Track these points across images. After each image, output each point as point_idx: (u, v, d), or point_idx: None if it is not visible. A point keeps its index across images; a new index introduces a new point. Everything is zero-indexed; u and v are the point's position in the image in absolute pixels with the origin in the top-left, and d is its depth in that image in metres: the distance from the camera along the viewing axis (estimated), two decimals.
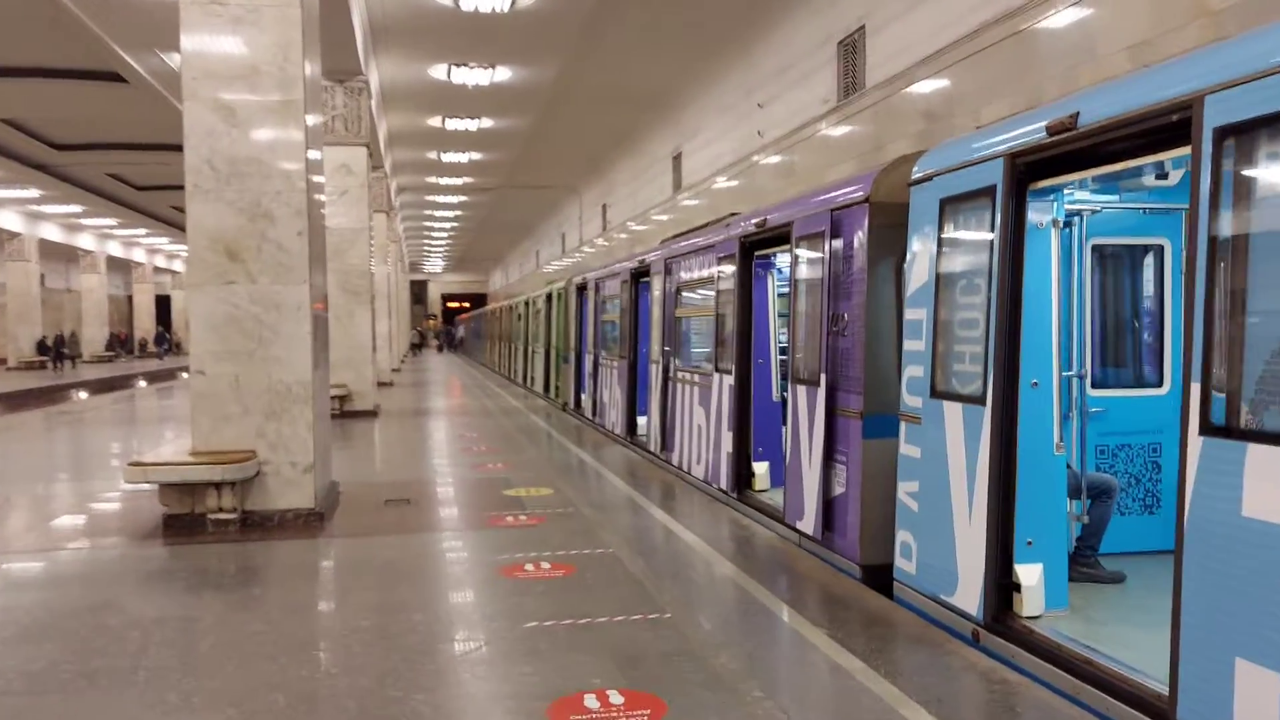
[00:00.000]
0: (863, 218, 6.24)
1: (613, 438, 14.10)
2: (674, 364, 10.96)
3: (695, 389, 10.03)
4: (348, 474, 10.40)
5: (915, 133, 13.02)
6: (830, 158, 15.74)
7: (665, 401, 11.11)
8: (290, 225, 8.11)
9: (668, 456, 11.07)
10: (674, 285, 10.95)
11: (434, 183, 36.32)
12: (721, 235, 9.19)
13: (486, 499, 9.22)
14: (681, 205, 24.51)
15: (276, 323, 8.11)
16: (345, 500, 9.18)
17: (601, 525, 7.94)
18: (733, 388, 8.65)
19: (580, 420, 16.99)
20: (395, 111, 24.50)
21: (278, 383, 8.13)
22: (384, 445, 14.03)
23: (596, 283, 15.75)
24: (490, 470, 11.07)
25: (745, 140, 19.82)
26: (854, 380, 6.29)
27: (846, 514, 6.38)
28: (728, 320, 8.97)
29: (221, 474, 7.68)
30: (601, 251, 34.18)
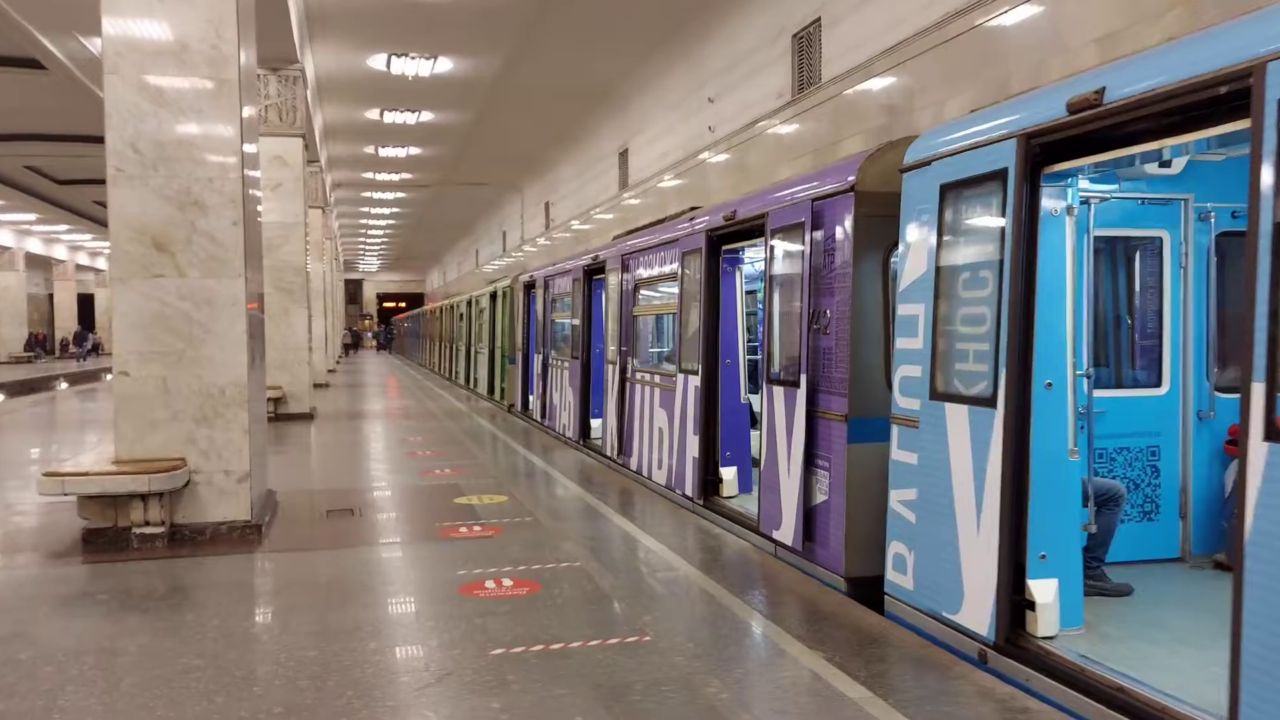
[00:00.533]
0: (847, 208, 5.85)
1: (565, 441, 13.61)
2: (632, 365, 10.51)
3: (656, 391, 9.59)
4: (285, 482, 9.77)
5: (874, 127, 12.74)
6: (784, 154, 15.41)
7: (623, 404, 10.66)
8: (223, 215, 7.50)
9: (625, 461, 10.61)
10: (632, 282, 10.50)
11: (371, 178, 35.41)
12: (686, 229, 8.76)
13: (437, 508, 8.68)
14: (628, 203, 24.08)
15: (209, 320, 7.50)
16: (283, 511, 8.57)
17: (563, 535, 7.46)
18: (699, 389, 8.22)
19: (529, 423, 16.46)
20: (332, 103, 23.70)
21: (210, 385, 7.52)
22: (323, 450, 13.37)
23: (546, 280, 15.23)
24: (439, 476, 10.51)
25: (695, 136, 19.45)
26: (837, 381, 5.90)
27: (829, 524, 5.98)
28: (692, 318, 8.55)
29: (148, 484, 7.05)
30: (545, 249, 33.61)
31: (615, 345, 10.99)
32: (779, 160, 15.48)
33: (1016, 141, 4.31)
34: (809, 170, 14.18)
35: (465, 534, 7.50)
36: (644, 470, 9.96)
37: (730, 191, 17.13)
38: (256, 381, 8.02)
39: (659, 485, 9.42)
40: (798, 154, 14.87)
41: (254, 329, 7.91)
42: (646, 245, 10.01)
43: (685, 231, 8.73)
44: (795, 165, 14.75)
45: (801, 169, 14.63)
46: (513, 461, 12.14)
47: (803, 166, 14.45)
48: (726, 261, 8.13)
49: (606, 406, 11.33)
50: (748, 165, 16.92)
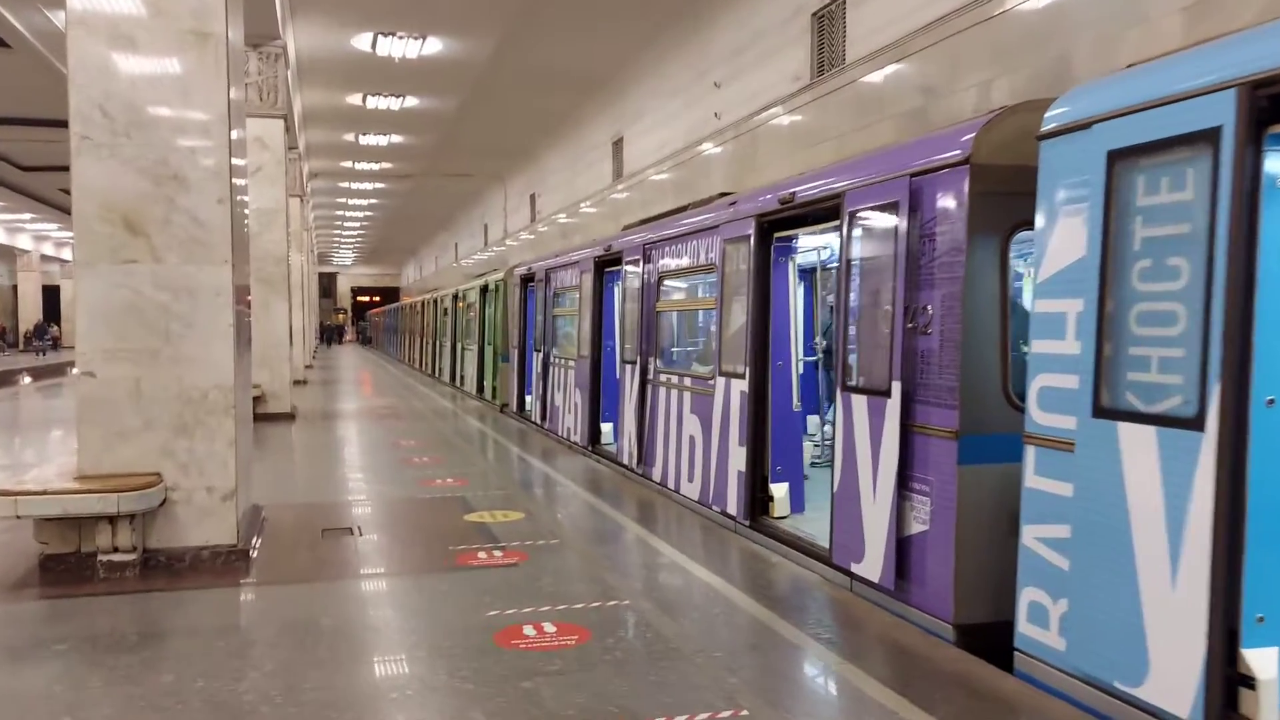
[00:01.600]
0: (958, 184, 4.93)
1: (570, 446, 12.63)
2: (654, 365, 9.56)
3: (686, 395, 8.64)
4: (271, 493, 8.75)
5: (907, 111, 11.84)
6: (801, 141, 14.49)
7: (643, 408, 9.70)
8: (207, 191, 6.48)
9: (646, 471, 9.66)
10: (656, 274, 9.54)
11: (350, 168, 34.19)
12: (727, 215, 7.81)
13: (446, 526, 7.69)
14: (621, 194, 23.10)
15: (190, 313, 6.47)
16: (272, 530, 7.55)
17: (598, 563, 6.50)
18: (746, 395, 7.28)
19: (525, 424, 15.46)
20: (312, 86, 22.55)
21: (191, 388, 6.49)
22: (309, 455, 12.31)
23: (548, 273, 14.24)
24: (441, 487, 9.51)
25: (698, 124, 18.49)
26: (942, 390, 4.98)
27: (930, 559, 5.06)
28: (735, 315, 7.60)
29: (116, 504, 6.02)
30: (530, 243, 32.60)
31: (634, 344, 10.03)
32: (795, 148, 14.56)
33: (1236, 93, 3.39)
34: (831, 159, 13.28)
35: (485, 561, 6.51)
36: (669, 482, 9.01)
37: (734, 182, 16.20)
38: (243, 384, 7.01)
39: (689, 500, 8.47)
40: (817, 141, 13.94)
41: (241, 325, 6.90)
42: (676, 234, 9.06)
43: (728, 217, 7.78)
44: (813, 154, 13.83)
45: (820, 158, 13.70)
46: (518, 469, 11.16)
47: (822, 155, 13.54)
48: (778, 251, 7.19)
49: (623, 410, 10.37)
50: (758, 154, 15.98)
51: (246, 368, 7.29)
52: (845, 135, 13.40)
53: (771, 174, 14.31)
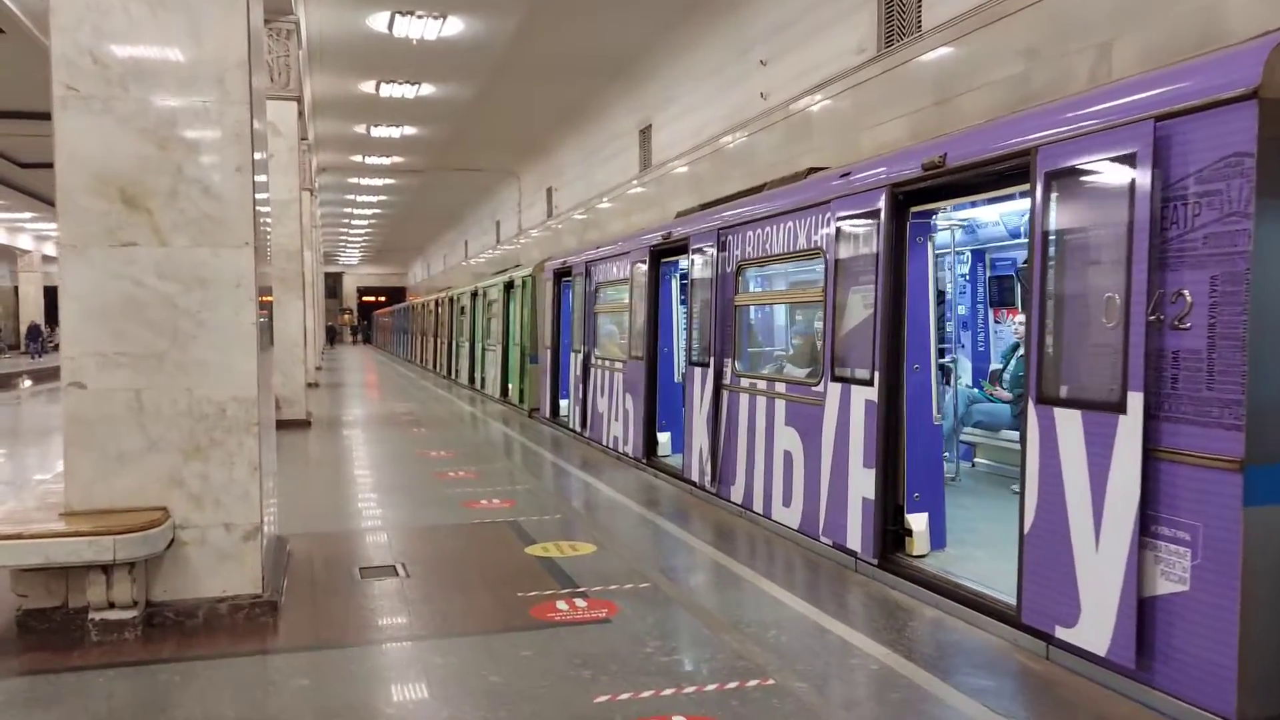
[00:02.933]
0: (1241, 125, 3.66)
1: (618, 458, 11.36)
2: (732, 369, 8.29)
3: (780, 404, 7.37)
4: (295, 518, 7.50)
5: (1000, 80, 10.57)
6: (867, 116, 13.21)
7: (718, 418, 8.44)
8: (224, 156, 5.23)
9: (722, 491, 8.39)
10: (734, 263, 8.26)
11: (359, 162, 32.95)
12: (842, 187, 6.53)
13: (507, 563, 6.43)
14: (649, 183, 21.84)
15: (202, 308, 5.22)
16: (300, 569, 6.30)
17: (709, 617, 5.24)
18: (873, 406, 6.00)
19: (560, 431, 14.19)
20: (324, 71, 21.30)
21: (204, 401, 5.24)
22: (331, 471, 11.04)
23: (588, 265, 12.96)
24: (487, 509, 8.26)
25: (740, 106, 17.22)
26: (1215, 405, 3.71)
27: (1197, 630, 3.79)
28: (853, 309, 6.34)
29: (112, 550, 4.76)
30: (546, 238, 31.35)
31: (705, 344, 8.76)
32: (858, 127, 13.28)
33: None
34: (903, 138, 12.02)
35: (570, 615, 5.25)
36: (755, 505, 7.75)
37: (787, 165, 14.93)
38: (266, 396, 5.76)
39: (785, 528, 7.21)
40: (885, 118, 12.67)
41: (264, 323, 5.66)
42: (762, 214, 7.78)
43: (842, 190, 6.50)
44: (880, 133, 12.56)
45: (888, 137, 12.42)
46: (568, 485, 9.90)
47: (891, 134, 12.27)
48: (915, 229, 5.91)
49: (689, 420, 9.09)
50: (813, 134, 14.72)
51: (270, 376, 6.05)
52: (920, 111, 12.12)
53: (829, 156, 13.03)
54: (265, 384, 5.65)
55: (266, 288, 5.99)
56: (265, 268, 5.80)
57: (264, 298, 5.70)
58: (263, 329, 5.55)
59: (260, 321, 5.43)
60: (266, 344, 5.87)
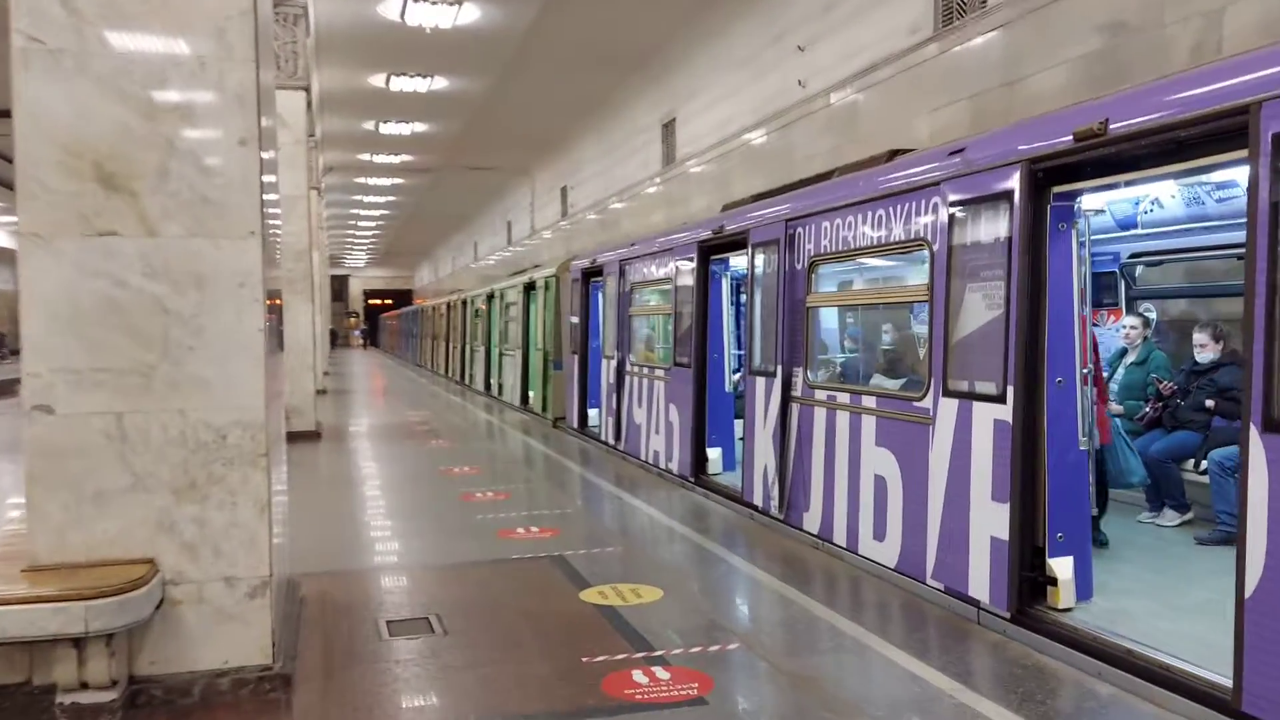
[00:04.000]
0: None
1: (660, 475, 10.36)
2: (804, 379, 7.28)
3: (869, 421, 6.37)
4: (308, 552, 6.50)
5: (1081, 55, 9.56)
6: (922, 99, 12.21)
7: (786, 435, 7.44)
8: (226, 126, 4.24)
9: (792, 518, 7.39)
10: (805, 259, 7.25)
11: (368, 161, 31.98)
12: (953, 169, 5.52)
13: (561, 614, 5.43)
14: (673, 179, 20.85)
15: (198, 311, 4.24)
16: (315, 623, 5.31)
17: (826, 695, 4.24)
18: (1005, 427, 4.99)
19: (589, 442, 13.19)
20: (332, 63, 20.33)
21: (200, 426, 4.25)
22: (346, 491, 10.03)
23: (622, 264, 11.96)
24: (526, 540, 7.27)
25: (773, 95, 16.22)
26: None
27: None
28: (974, 311, 5.33)
29: (84, 618, 3.77)
30: (560, 238, 30.39)
31: (769, 350, 7.77)
32: (913, 109, 12.27)
33: None
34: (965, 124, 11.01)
35: (653, 692, 4.25)
36: (836, 536, 6.74)
37: (829, 156, 13.94)
38: (276, 420, 4.78)
39: (876, 565, 6.21)
40: (945, 101, 11.66)
41: (273, 331, 4.69)
42: (842, 202, 6.77)
43: (955, 170, 5.49)
44: (940, 117, 11.56)
45: (951, 122, 11.44)
46: (611, 509, 8.90)
47: (953, 118, 11.27)
48: (1058, 214, 4.90)
49: (752, 437, 8.09)
50: (859, 122, 13.70)
51: (281, 394, 5.07)
52: (985, 93, 11.12)
53: (880, 143, 12.00)
54: (275, 404, 4.67)
55: (275, 290, 5.00)
56: (274, 271, 4.82)
57: (273, 300, 4.72)
58: (272, 336, 4.58)
59: (269, 327, 4.45)
60: (276, 354, 4.90)
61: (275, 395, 4.68)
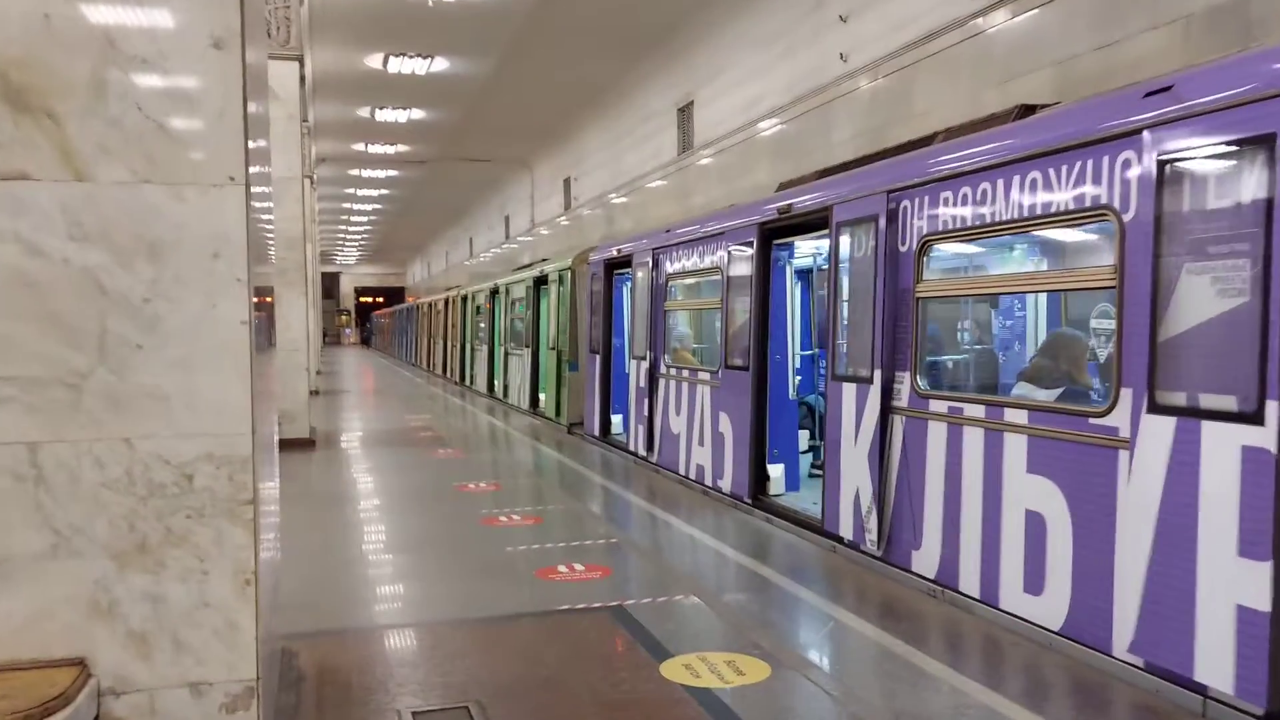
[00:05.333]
0: None
1: (704, 491, 9.02)
2: (910, 387, 5.94)
3: (1015, 441, 5.04)
4: (300, 603, 5.17)
5: (1199, 10, 8.25)
6: (994, 69, 10.89)
7: (886, 455, 6.11)
8: (192, 21, 2.89)
9: (897, 556, 6.06)
10: (911, 240, 5.92)
11: (361, 151, 30.58)
12: (1171, 112, 4.18)
13: (644, 704, 4.08)
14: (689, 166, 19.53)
15: (152, 295, 2.89)
16: (316, 712, 3.95)
17: None
18: (1265, 459, 3.67)
19: (611, 451, 11.84)
20: (327, 43, 18.94)
21: (154, 463, 2.91)
22: (347, 515, 8.63)
23: (655, 254, 10.61)
24: (572, 582, 5.92)
25: (809, 72, 14.89)
26: None
27: None
28: (1191, 300, 4.00)
29: None
30: (562, 232, 29.07)
31: (863, 351, 6.43)
32: (983, 77, 10.95)
33: None
34: (1049, 90, 9.69)
35: None
36: (965, 583, 5.42)
37: (876, 135, 12.64)
38: (266, 449, 3.42)
39: (1032, 626, 4.88)
40: (1025, 69, 10.34)
41: (262, 328, 3.34)
42: (972, 167, 5.43)
43: (1169, 113, 4.15)
44: (1020, 85, 10.25)
45: (1029, 91, 10.08)
46: (664, 539, 7.56)
47: (1032, 87, 9.96)
48: None
49: (839, 456, 6.74)
50: (914, 94, 12.38)
51: (272, 415, 3.72)
52: (1073, 59, 9.82)
53: (939, 117, 10.69)
54: (264, 427, 3.31)
55: (265, 271, 3.66)
56: (264, 267, 3.48)
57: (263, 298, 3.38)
58: (262, 332, 3.23)
59: (258, 322, 3.10)
60: (266, 354, 3.55)
61: (265, 415, 3.32)
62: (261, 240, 3.39)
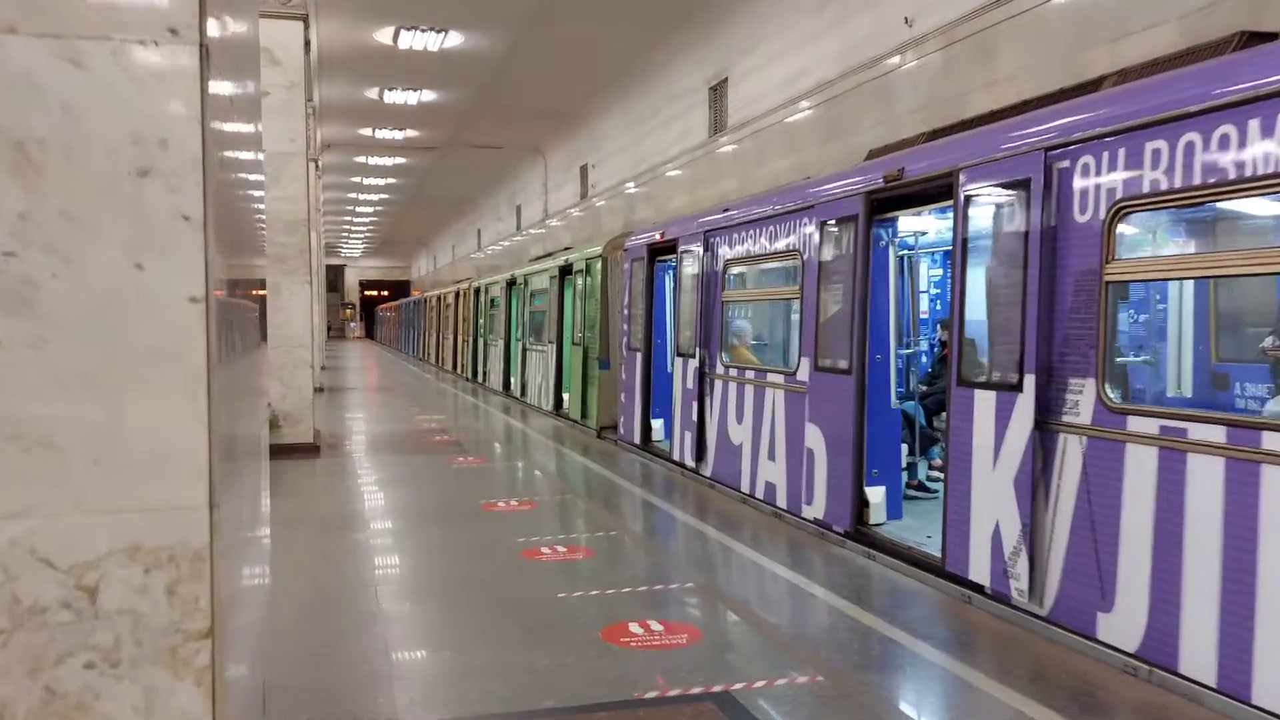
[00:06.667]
0: None
1: (774, 513, 7.65)
2: (1096, 399, 4.55)
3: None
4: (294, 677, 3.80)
5: None
6: (1096, 29, 9.50)
7: (1050, 486, 4.73)
8: None
9: (1068, 618, 4.68)
10: (1094, 205, 4.52)
11: (369, 137, 29.22)
12: None
13: None
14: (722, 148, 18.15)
15: (21, 244, 1.49)
16: None
17: None
18: None
19: (653, 461, 10.46)
20: (334, 13, 17.56)
21: (24, 563, 1.51)
22: (354, 544, 7.22)
23: (708, 236, 9.21)
24: (654, 649, 4.56)
25: (862, 41, 13.49)
26: None
27: None
28: None
29: None
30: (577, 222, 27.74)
31: (1005, 348, 5.05)
32: (1090, 35, 9.55)
33: None
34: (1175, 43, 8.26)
35: None
36: (1192, 666, 4.04)
37: (947, 105, 11.25)
38: (238, 523, 2.02)
39: None
40: (1150, 19, 8.93)
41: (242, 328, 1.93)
42: (1209, 103, 4.05)
43: None
44: (1136, 41, 8.86)
45: (1151, 46, 8.64)
46: (756, 586, 6.17)
47: (1154, 41, 8.57)
48: None
49: (966, 482, 5.36)
50: (998, 59, 10.97)
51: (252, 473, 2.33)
52: (1185, 16, 8.47)
53: (1030, 83, 9.30)
54: (234, 502, 1.92)
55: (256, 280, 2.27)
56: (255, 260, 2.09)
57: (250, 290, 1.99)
58: (236, 325, 1.84)
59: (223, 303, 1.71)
60: (243, 365, 2.17)
61: (233, 475, 1.92)
62: (237, 170, 2.02)
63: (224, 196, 1.74)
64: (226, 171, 1.80)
